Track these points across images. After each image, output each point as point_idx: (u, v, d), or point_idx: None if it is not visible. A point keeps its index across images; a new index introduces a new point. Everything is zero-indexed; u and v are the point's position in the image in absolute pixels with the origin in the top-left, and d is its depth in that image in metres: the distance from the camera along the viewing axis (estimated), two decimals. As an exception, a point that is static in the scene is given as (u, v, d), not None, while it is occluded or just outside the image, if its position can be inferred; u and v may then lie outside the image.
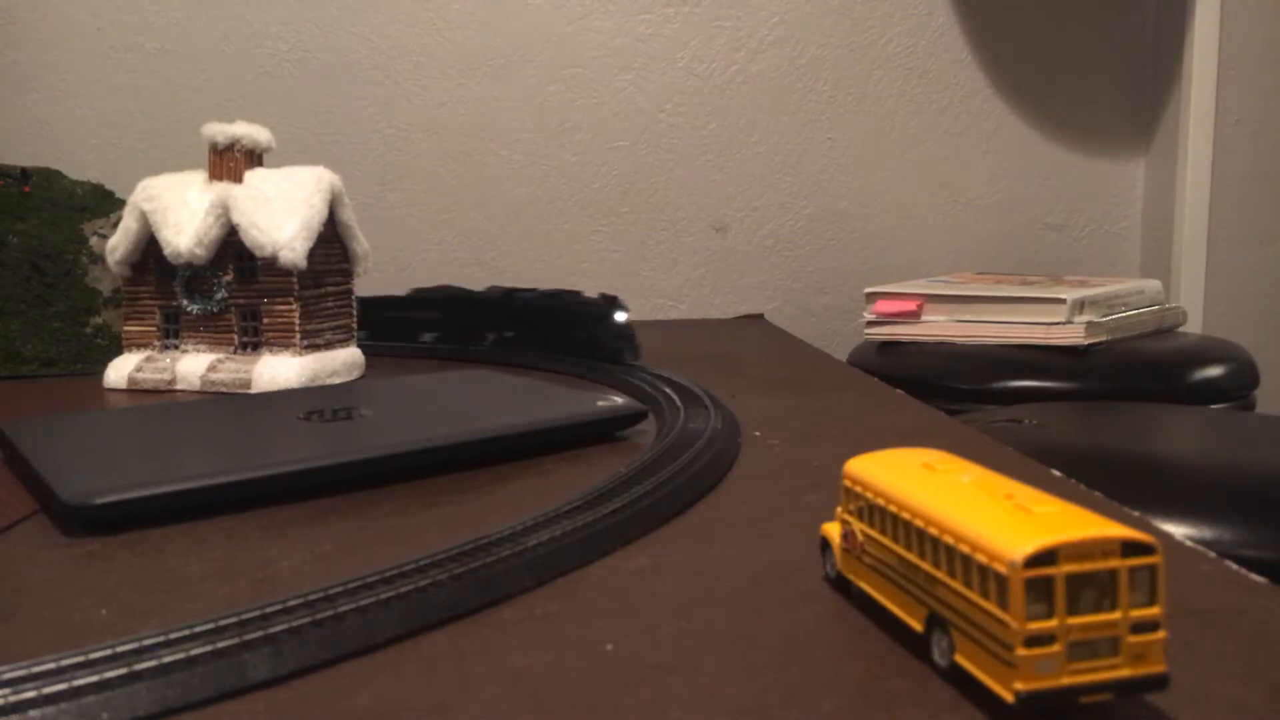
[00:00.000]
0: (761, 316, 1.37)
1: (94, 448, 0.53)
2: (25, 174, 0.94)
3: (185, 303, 0.81)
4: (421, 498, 0.48)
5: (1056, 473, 0.51)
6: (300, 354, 0.80)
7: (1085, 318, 1.06)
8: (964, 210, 1.44)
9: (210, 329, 0.82)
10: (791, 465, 0.53)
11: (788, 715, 0.27)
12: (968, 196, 1.44)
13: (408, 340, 0.98)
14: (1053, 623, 0.24)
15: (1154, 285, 1.22)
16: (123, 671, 0.28)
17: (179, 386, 0.80)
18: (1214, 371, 1.04)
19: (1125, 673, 0.25)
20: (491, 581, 0.35)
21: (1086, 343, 1.04)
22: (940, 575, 0.28)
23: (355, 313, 0.88)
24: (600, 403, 0.59)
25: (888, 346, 1.14)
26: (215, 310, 0.81)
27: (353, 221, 0.85)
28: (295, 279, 0.80)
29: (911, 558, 0.29)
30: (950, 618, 0.27)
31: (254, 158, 0.83)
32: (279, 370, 0.79)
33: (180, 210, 0.80)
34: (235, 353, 0.81)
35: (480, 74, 1.38)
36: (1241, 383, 1.06)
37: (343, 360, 0.83)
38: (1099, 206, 1.45)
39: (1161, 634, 0.25)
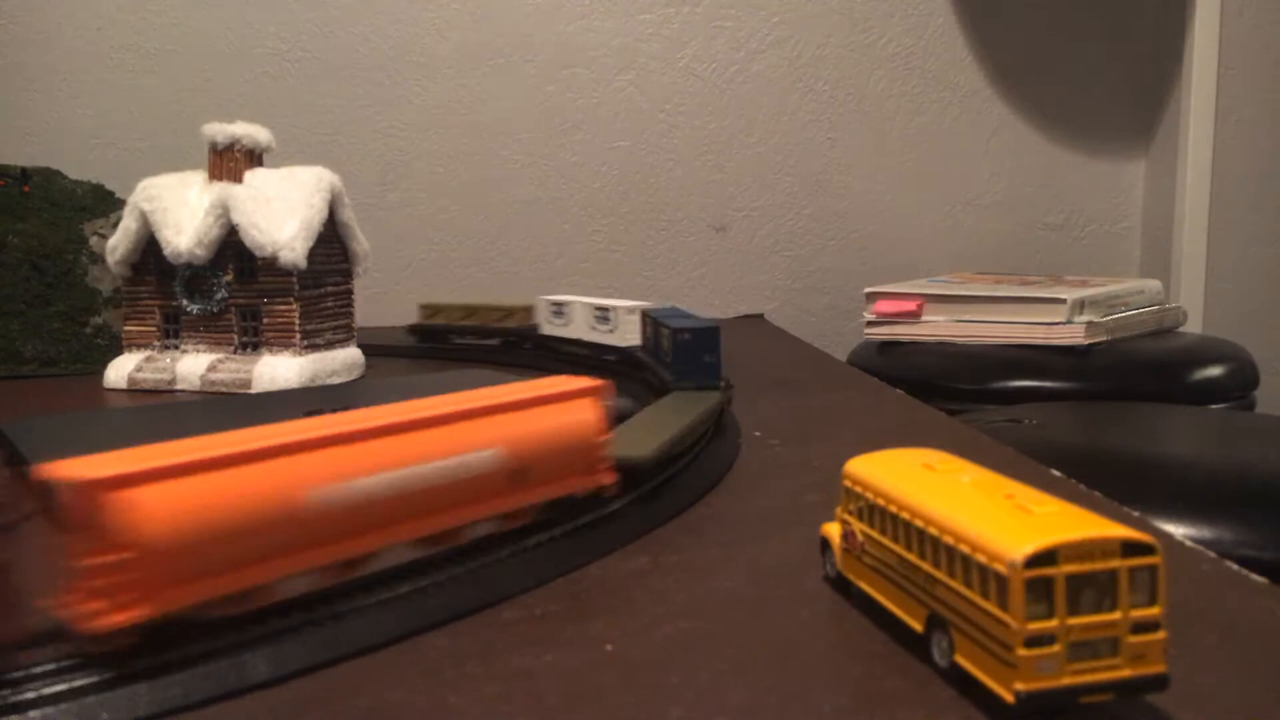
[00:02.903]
0: (761, 316, 1.37)
1: (94, 447, 0.53)
2: (25, 174, 0.94)
3: (185, 303, 0.81)
4: (421, 498, 0.48)
5: (1056, 473, 0.51)
6: (300, 354, 0.80)
7: (1085, 318, 1.06)
8: (964, 210, 1.44)
9: (210, 329, 0.82)
10: (791, 465, 0.53)
11: (788, 715, 0.27)
12: (968, 196, 1.44)
13: None
14: (1053, 623, 0.24)
15: (1154, 285, 1.22)
16: (123, 671, 0.28)
17: (179, 386, 0.80)
18: (1214, 371, 1.04)
19: (1125, 673, 0.25)
20: (491, 581, 0.35)
21: (1086, 343, 1.04)
22: (940, 575, 0.28)
23: (354, 312, 0.88)
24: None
25: (888, 346, 1.14)
26: (215, 310, 0.81)
27: (353, 221, 0.85)
28: (295, 279, 0.80)
29: (911, 558, 0.29)
30: (950, 618, 0.27)
31: (254, 158, 0.82)
32: (279, 370, 0.78)
33: (180, 210, 0.80)
34: (235, 353, 0.81)
35: (480, 74, 1.38)
36: (1241, 383, 1.06)
37: (343, 360, 0.83)
38: (1099, 206, 1.45)
39: (1161, 634, 0.25)
